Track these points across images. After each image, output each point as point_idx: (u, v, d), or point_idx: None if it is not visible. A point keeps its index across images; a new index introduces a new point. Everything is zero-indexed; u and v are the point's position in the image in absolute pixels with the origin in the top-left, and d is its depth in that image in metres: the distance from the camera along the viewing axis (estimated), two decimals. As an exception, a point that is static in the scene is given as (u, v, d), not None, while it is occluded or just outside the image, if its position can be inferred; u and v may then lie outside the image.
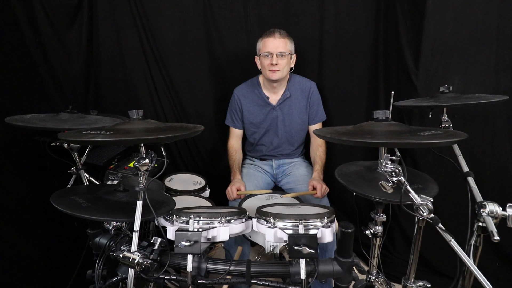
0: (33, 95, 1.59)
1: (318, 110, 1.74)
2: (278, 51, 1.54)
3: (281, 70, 1.56)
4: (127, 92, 1.95)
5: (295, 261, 0.93)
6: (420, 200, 0.83)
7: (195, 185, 1.65)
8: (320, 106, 1.75)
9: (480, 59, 1.44)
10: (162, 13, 1.83)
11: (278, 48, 1.54)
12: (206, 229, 0.96)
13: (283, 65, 1.56)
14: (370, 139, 0.80)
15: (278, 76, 1.58)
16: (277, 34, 1.55)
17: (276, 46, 1.54)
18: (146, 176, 0.89)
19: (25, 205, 1.45)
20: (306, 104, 1.71)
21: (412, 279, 1.04)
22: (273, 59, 1.54)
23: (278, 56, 1.54)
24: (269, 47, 1.55)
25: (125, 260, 0.86)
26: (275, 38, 1.55)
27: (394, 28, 1.58)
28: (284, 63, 1.56)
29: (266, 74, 1.60)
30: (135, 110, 0.93)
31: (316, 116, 1.74)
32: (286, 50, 1.56)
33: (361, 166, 1.16)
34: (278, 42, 1.55)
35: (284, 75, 1.60)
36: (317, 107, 1.73)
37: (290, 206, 1.22)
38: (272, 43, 1.55)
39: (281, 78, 1.61)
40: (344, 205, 1.92)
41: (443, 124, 1.21)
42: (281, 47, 1.55)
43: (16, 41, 1.52)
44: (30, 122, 1.11)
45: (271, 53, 1.54)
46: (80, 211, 0.87)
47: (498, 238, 0.85)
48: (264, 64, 1.58)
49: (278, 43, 1.54)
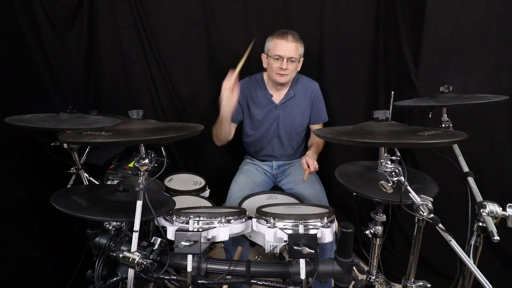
0: (33, 95, 1.59)
1: (322, 111, 1.74)
2: (289, 56, 1.49)
3: (289, 74, 1.55)
4: (127, 92, 1.95)
5: (295, 261, 0.93)
6: (420, 200, 0.83)
7: (195, 185, 1.65)
8: (323, 107, 1.74)
9: (480, 59, 1.44)
10: (162, 13, 1.83)
11: (289, 53, 1.49)
12: (206, 229, 0.96)
13: (292, 70, 1.54)
14: (370, 139, 0.80)
15: (285, 80, 1.57)
16: (290, 37, 1.49)
17: (288, 51, 1.49)
18: (146, 176, 0.89)
19: (25, 205, 1.44)
20: (309, 105, 1.70)
21: (412, 279, 1.04)
22: (283, 63, 1.49)
23: (289, 61, 1.50)
24: (280, 50, 1.50)
25: (125, 260, 0.86)
26: (288, 41, 1.49)
27: (394, 28, 1.58)
28: (293, 67, 1.54)
29: (272, 76, 1.57)
30: (135, 110, 0.92)
31: (320, 117, 1.74)
32: (297, 55, 1.52)
33: (361, 166, 1.16)
34: (291, 47, 1.49)
35: (291, 79, 1.60)
36: (320, 108, 1.73)
37: (290, 206, 1.22)
38: (285, 47, 1.49)
39: (288, 81, 1.60)
40: (344, 205, 1.92)
41: (443, 124, 1.21)
42: (292, 52, 1.50)
43: (16, 41, 1.52)
44: (30, 122, 1.11)
45: (281, 56, 1.50)
46: (80, 211, 0.86)
47: (498, 238, 0.85)
48: (273, 66, 1.54)
49: (290, 47, 1.49)
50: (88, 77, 1.88)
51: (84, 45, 1.81)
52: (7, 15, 1.47)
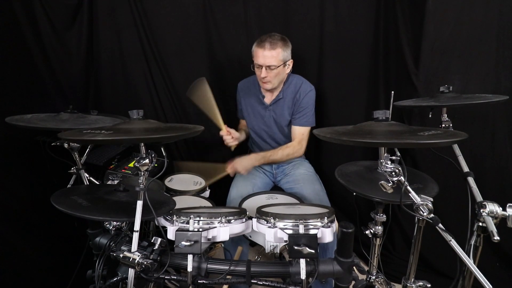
0: (33, 95, 1.59)
1: (303, 113, 1.63)
2: (267, 65, 1.48)
3: (272, 81, 1.54)
4: (127, 92, 1.95)
5: (295, 261, 0.93)
6: (420, 200, 0.83)
7: (195, 185, 1.65)
8: (309, 111, 1.64)
9: (480, 59, 1.44)
10: (162, 13, 1.83)
11: (267, 61, 1.48)
12: (206, 229, 0.96)
13: (273, 77, 1.53)
14: (370, 139, 0.80)
15: (269, 87, 1.58)
16: (267, 45, 1.47)
17: (265, 60, 1.48)
18: (146, 176, 0.89)
19: (25, 205, 1.44)
20: (292, 105, 1.66)
21: (412, 279, 1.04)
22: (262, 72, 1.50)
23: (268, 69, 1.50)
24: (258, 59, 1.50)
25: (125, 260, 0.86)
26: (265, 50, 1.47)
27: (394, 28, 1.58)
28: (274, 74, 1.52)
29: (259, 82, 1.61)
30: (135, 110, 0.93)
31: (299, 118, 1.64)
32: (277, 62, 1.49)
33: (361, 166, 1.16)
34: (268, 54, 1.47)
35: (276, 84, 1.59)
36: (303, 109, 1.63)
37: (290, 206, 1.22)
38: (262, 56, 1.48)
39: (274, 87, 1.61)
40: (344, 205, 1.92)
41: (443, 124, 1.21)
42: (270, 61, 1.48)
43: (16, 41, 1.52)
44: (31, 122, 1.11)
45: (260, 65, 1.50)
46: (80, 211, 0.86)
47: (498, 238, 0.85)
48: (257, 74, 1.57)
49: (268, 55, 1.47)
50: (88, 77, 1.88)
51: (84, 45, 1.81)
52: (7, 15, 1.47)
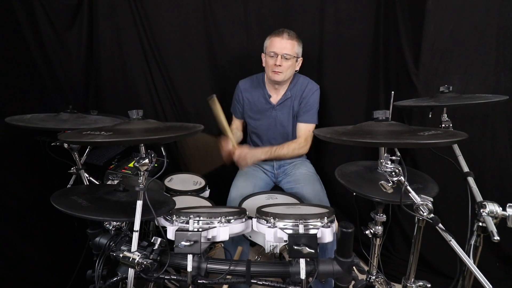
0: (33, 95, 1.60)
1: (309, 110, 1.67)
2: (284, 53, 1.52)
3: (284, 72, 1.56)
4: (127, 92, 1.95)
5: (295, 261, 0.93)
6: (420, 200, 0.83)
7: (195, 185, 1.65)
8: (314, 109, 1.69)
9: (480, 59, 1.44)
10: (162, 13, 1.83)
11: (284, 50, 1.52)
12: (206, 229, 0.96)
13: (287, 67, 1.55)
14: (370, 139, 0.80)
15: (280, 78, 1.57)
16: (286, 34, 1.54)
17: (282, 47, 1.52)
18: (146, 176, 0.89)
19: (25, 205, 1.45)
20: (298, 104, 1.68)
21: (412, 279, 1.04)
22: (277, 59, 1.52)
23: (283, 58, 1.53)
24: (275, 47, 1.53)
25: (125, 260, 0.86)
26: (283, 38, 1.53)
27: (394, 28, 1.58)
28: (288, 65, 1.55)
29: (268, 73, 1.60)
30: (135, 110, 0.92)
31: (305, 115, 1.67)
32: (292, 52, 1.54)
33: (361, 166, 1.16)
34: (285, 43, 1.53)
35: (286, 77, 1.60)
36: (309, 107, 1.67)
37: (290, 206, 1.22)
38: (279, 43, 1.53)
39: (283, 80, 1.60)
40: (344, 205, 1.91)
41: (443, 124, 1.21)
42: (287, 49, 1.53)
43: (16, 41, 1.53)
44: (30, 122, 1.11)
45: (276, 53, 1.53)
46: (80, 211, 0.86)
47: (498, 238, 0.85)
48: (269, 64, 1.57)
49: (285, 44, 1.53)
50: (88, 77, 1.88)
51: (84, 45, 1.81)
52: (7, 15, 1.47)
